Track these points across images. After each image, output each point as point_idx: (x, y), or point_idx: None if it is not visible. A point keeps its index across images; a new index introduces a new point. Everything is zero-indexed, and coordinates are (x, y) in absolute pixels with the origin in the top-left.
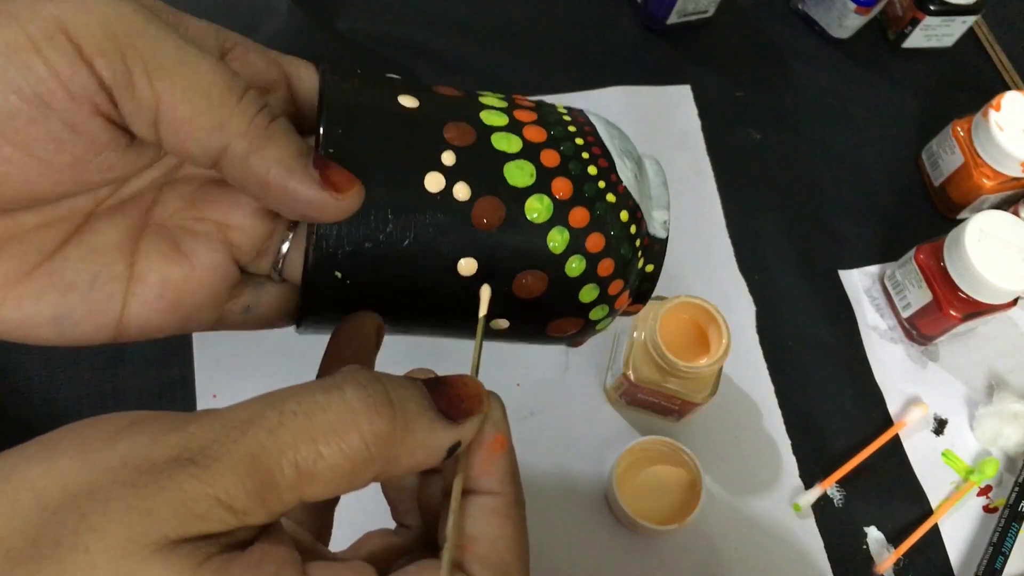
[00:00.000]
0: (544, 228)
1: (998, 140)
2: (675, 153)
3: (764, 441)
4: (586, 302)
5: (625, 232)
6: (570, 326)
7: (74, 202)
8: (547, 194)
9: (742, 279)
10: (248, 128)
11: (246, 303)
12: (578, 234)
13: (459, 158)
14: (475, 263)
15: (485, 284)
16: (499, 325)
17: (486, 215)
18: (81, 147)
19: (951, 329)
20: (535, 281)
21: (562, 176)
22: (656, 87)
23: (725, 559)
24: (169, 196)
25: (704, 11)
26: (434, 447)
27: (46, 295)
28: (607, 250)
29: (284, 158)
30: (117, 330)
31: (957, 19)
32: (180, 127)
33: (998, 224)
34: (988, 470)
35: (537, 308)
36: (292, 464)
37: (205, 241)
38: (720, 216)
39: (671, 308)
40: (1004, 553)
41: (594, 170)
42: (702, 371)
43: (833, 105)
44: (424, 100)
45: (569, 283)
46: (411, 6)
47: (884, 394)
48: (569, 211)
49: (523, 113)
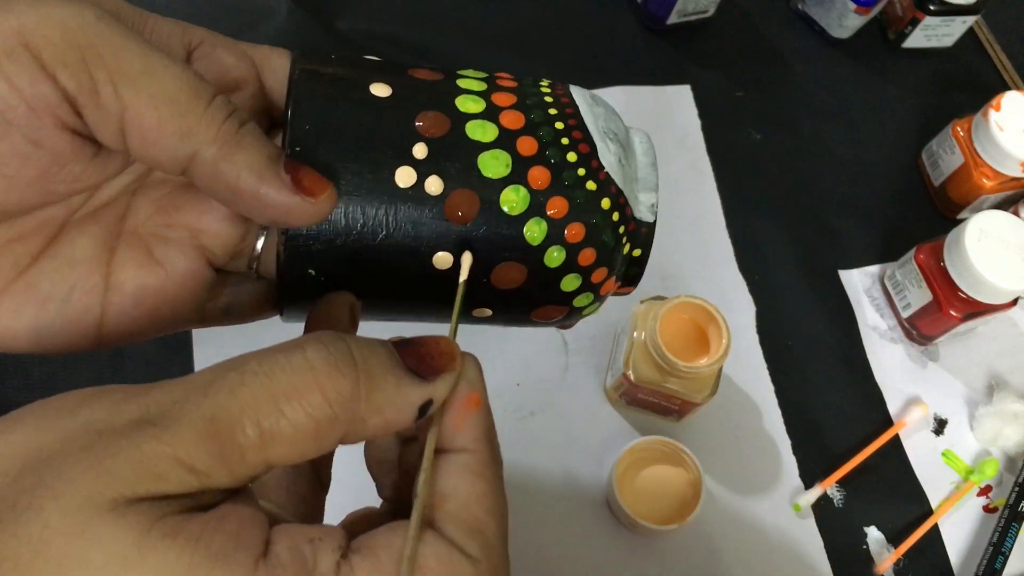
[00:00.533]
0: (521, 219)
1: (998, 140)
2: (675, 153)
3: (764, 441)
4: (569, 291)
5: (607, 220)
6: (555, 312)
7: (45, 213)
8: (523, 184)
9: (742, 279)
10: (217, 133)
11: (225, 302)
12: (557, 224)
13: (431, 150)
14: (451, 257)
15: (467, 252)
16: (482, 313)
17: (460, 208)
18: (46, 160)
19: (951, 329)
20: (514, 272)
21: (540, 165)
22: (656, 87)
23: (725, 559)
24: (141, 203)
25: (704, 11)
26: (402, 405)
27: (24, 308)
28: (588, 239)
29: (254, 163)
30: (97, 338)
31: (957, 19)
32: (147, 135)
33: (998, 224)
34: (988, 470)
35: (518, 297)
36: (254, 424)
37: (178, 247)
38: (720, 216)
39: (671, 308)
40: (1004, 553)
41: (574, 157)
42: (702, 371)
43: (833, 105)
44: (397, 87)
45: (549, 273)
46: (411, 6)
47: (884, 394)
48: (547, 201)
49: (502, 96)
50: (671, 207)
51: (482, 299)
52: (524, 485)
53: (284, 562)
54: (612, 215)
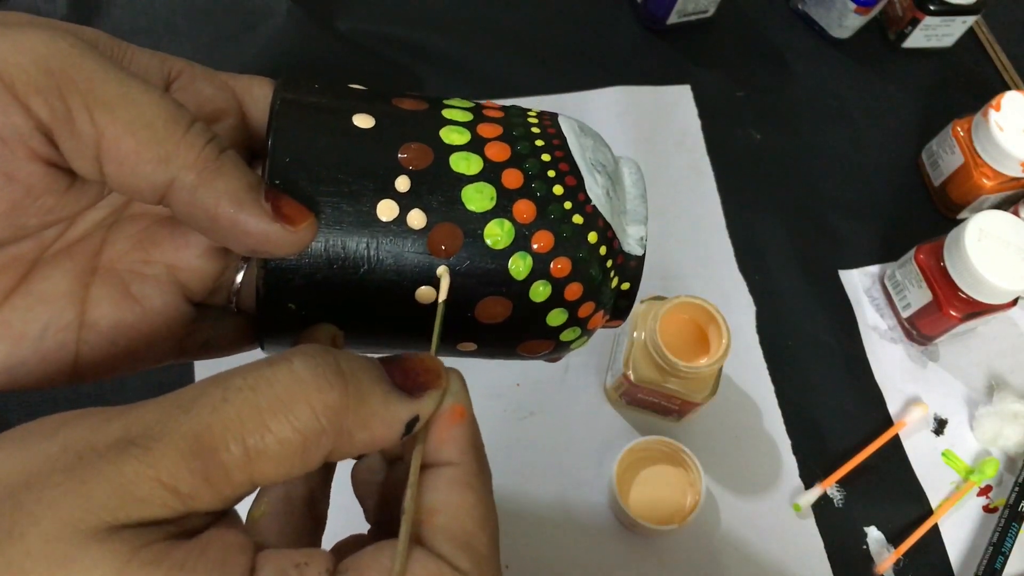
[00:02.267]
0: (505, 253)
1: (998, 140)
2: (675, 153)
3: (764, 441)
4: (555, 325)
5: (594, 254)
6: (541, 347)
7: (18, 248)
8: (508, 218)
9: (742, 279)
10: (196, 159)
11: (205, 337)
12: (542, 259)
13: (414, 183)
14: (434, 292)
15: (443, 266)
16: (467, 347)
17: (444, 242)
18: (18, 193)
19: (951, 329)
20: (499, 307)
21: (525, 198)
22: (656, 87)
23: (725, 559)
24: (117, 238)
25: (704, 11)
26: (390, 420)
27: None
28: (574, 274)
29: (234, 190)
30: (73, 374)
31: (957, 19)
32: (125, 162)
33: (998, 224)
34: (988, 470)
35: (503, 332)
36: (239, 441)
37: (155, 284)
38: (720, 216)
39: (671, 308)
40: (1004, 553)
41: (560, 190)
42: (702, 371)
43: (833, 105)
44: (381, 118)
45: (534, 308)
46: (411, 6)
47: (884, 394)
48: (532, 235)
49: (487, 127)
50: (671, 207)
51: (467, 333)
52: (524, 486)
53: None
54: (599, 249)
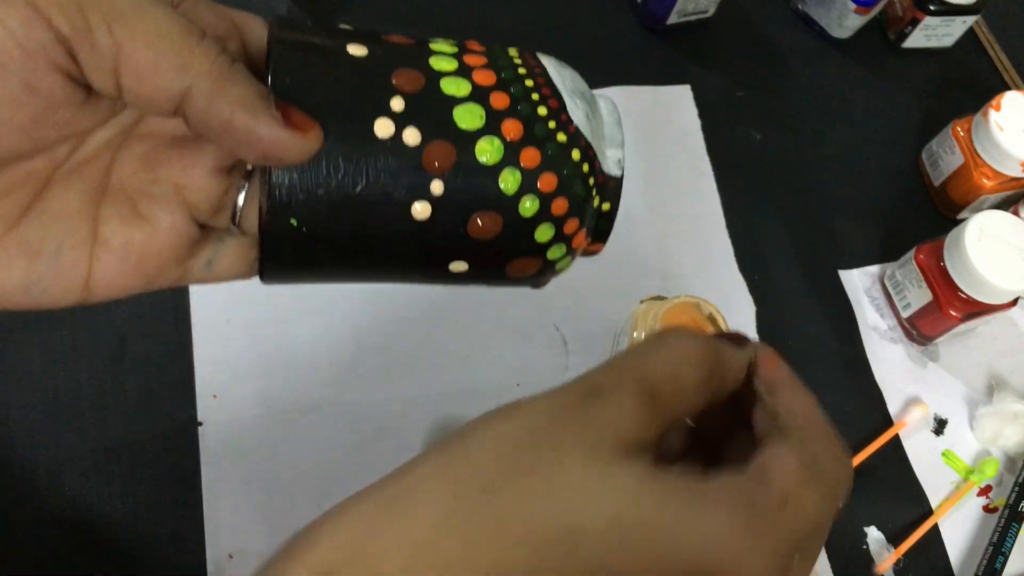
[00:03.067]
0: (496, 169)
1: (998, 140)
2: (675, 153)
3: None
4: (542, 242)
5: (578, 171)
6: (529, 266)
7: (31, 165)
8: (497, 136)
9: (742, 279)
10: (211, 68)
11: (207, 258)
12: (530, 174)
13: (408, 104)
14: (429, 206)
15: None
16: (458, 267)
17: (437, 159)
18: (39, 105)
19: (951, 329)
20: (490, 222)
21: (512, 118)
22: (656, 87)
23: None
24: (125, 158)
25: (704, 11)
26: (738, 363)
27: (14, 263)
28: (560, 189)
29: (247, 98)
30: (84, 293)
31: (957, 19)
32: (143, 72)
33: (998, 224)
34: (988, 470)
35: (494, 249)
36: (669, 380)
37: (163, 203)
38: (720, 216)
39: (671, 308)
40: (1004, 553)
41: (544, 111)
42: None
43: (833, 105)
44: (373, 48)
45: (524, 223)
46: (411, 6)
47: (884, 394)
48: (520, 152)
49: (473, 58)
50: (671, 207)
51: (459, 251)
52: None
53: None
54: (582, 167)
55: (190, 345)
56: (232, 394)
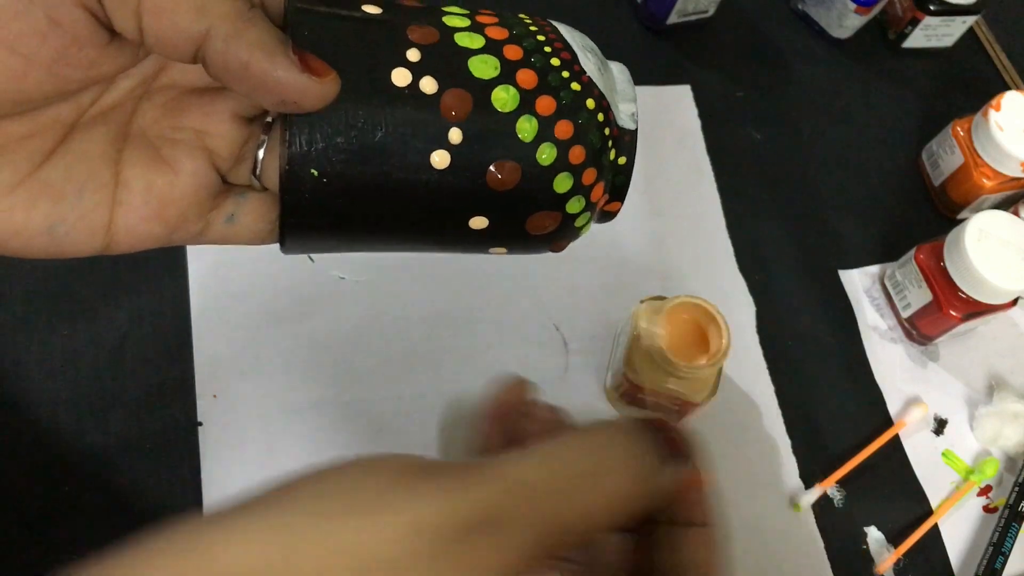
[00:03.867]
0: (512, 117)
1: (998, 140)
2: (675, 153)
3: (764, 441)
4: (561, 192)
5: (593, 119)
6: (549, 221)
7: (57, 111)
8: (512, 84)
9: (742, 279)
10: (230, 10)
11: (229, 211)
12: (546, 122)
13: (424, 54)
14: (448, 155)
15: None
16: (478, 224)
17: (454, 107)
18: (64, 40)
19: (951, 329)
20: (508, 172)
21: (526, 68)
22: (656, 87)
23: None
24: (147, 108)
25: (704, 11)
26: (670, 490)
27: (38, 204)
28: (576, 137)
29: (265, 42)
30: (107, 239)
31: (957, 19)
32: (163, 12)
33: (998, 224)
34: (988, 470)
35: (513, 201)
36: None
37: (185, 149)
38: (720, 216)
39: (671, 308)
40: (1004, 553)
41: (557, 61)
42: (702, 371)
43: (833, 105)
44: (387, 7)
45: (542, 171)
46: None
47: (884, 394)
48: (535, 99)
49: (485, 18)
50: (671, 207)
51: (478, 203)
52: None
53: None
54: (597, 115)
55: (190, 345)
56: (232, 394)
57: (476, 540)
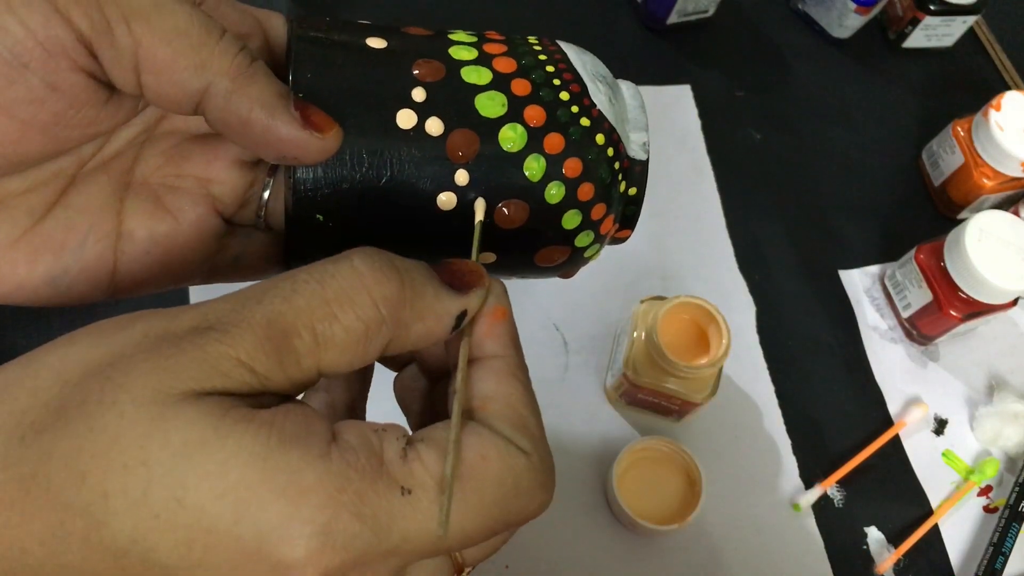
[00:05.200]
0: (520, 156)
1: (998, 140)
2: (675, 153)
3: (764, 441)
4: (570, 228)
5: (603, 155)
6: (558, 255)
7: (57, 165)
8: (520, 122)
9: (742, 279)
10: (230, 66)
11: (235, 253)
12: (554, 160)
13: (429, 93)
14: (455, 197)
15: (479, 198)
16: (487, 259)
17: (461, 148)
18: (61, 104)
19: (951, 329)
20: (516, 211)
21: (534, 104)
22: (656, 87)
23: (725, 559)
24: (148, 155)
25: (704, 11)
26: (441, 313)
27: (40, 257)
28: (585, 174)
29: (266, 97)
30: (110, 287)
31: (957, 19)
32: (162, 70)
33: (998, 224)
34: (988, 470)
35: (522, 238)
36: (308, 328)
37: (188, 196)
38: (720, 216)
39: (671, 308)
40: (1004, 553)
41: (566, 95)
42: (702, 371)
43: (833, 105)
44: (392, 40)
45: (550, 210)
46: (410, 6)
47: (884, 394)
48: (543, 137)
49: (493, 46)
50: (671, 207)
51: (487, 243)
52: None
53: (354, 446)
54: (607, 151)
55: None
56: None
57: (202, 336)
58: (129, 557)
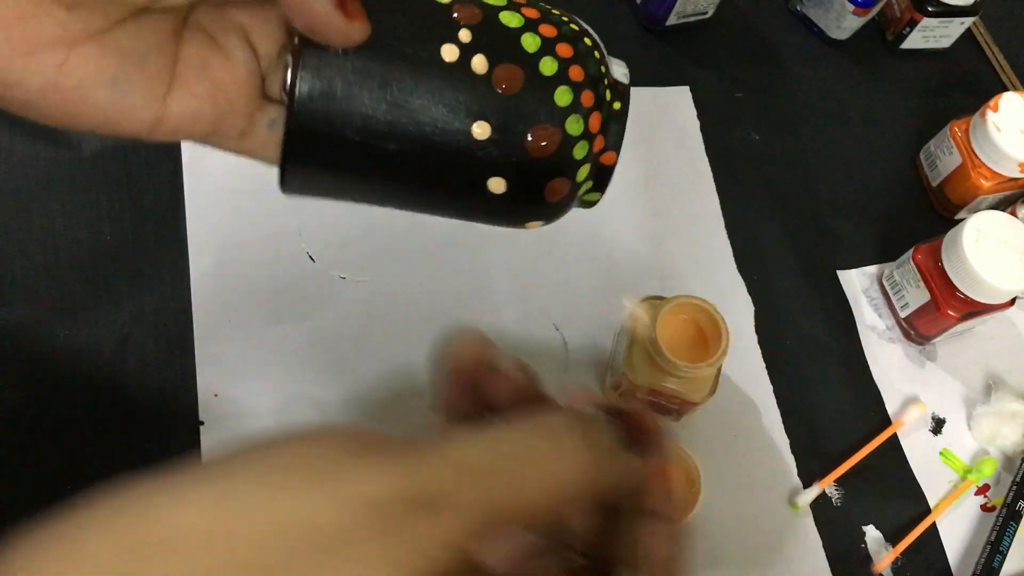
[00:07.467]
0: (553, 84)
1: (996, 141)
2: (674, 154)
3: (762, 440)
4: (578, 159)
5: (603, 80)
6: (561, 186)
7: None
8: (553, 56)
9: (741, 279)
10: None
11: (272, 117)
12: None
13: (474, 36)
14: (488, 127)
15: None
16: (497, 187)
17: (505, 81)
18: None
19: (949, 329)
20: (549, 136)
21: (562, 41)
22: (655, 88)
23: (723, 558)
24: (200, 8)
25: (703, 12)
26: (630, 481)
27: (106, 57)
28: (596, 104)
29: None
30: (160, 110)
31: (955, 20)
32: None
33: (996, 224)
34: (986, 469)
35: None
36: (513, 507)
37: (236, 39)
38: (719, 216)
39: (670, 308)
40: (1002, 552)
41: (576, 27)
42: (701, 371)
43: (831, 106)
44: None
45: (569, 140)
46: None
47: (882, 394)
48: (569, 68)
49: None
50: (670, 207)
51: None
52: None
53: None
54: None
55: (192, 344)
56: (233, 394)
57: (418, 517)
58: None
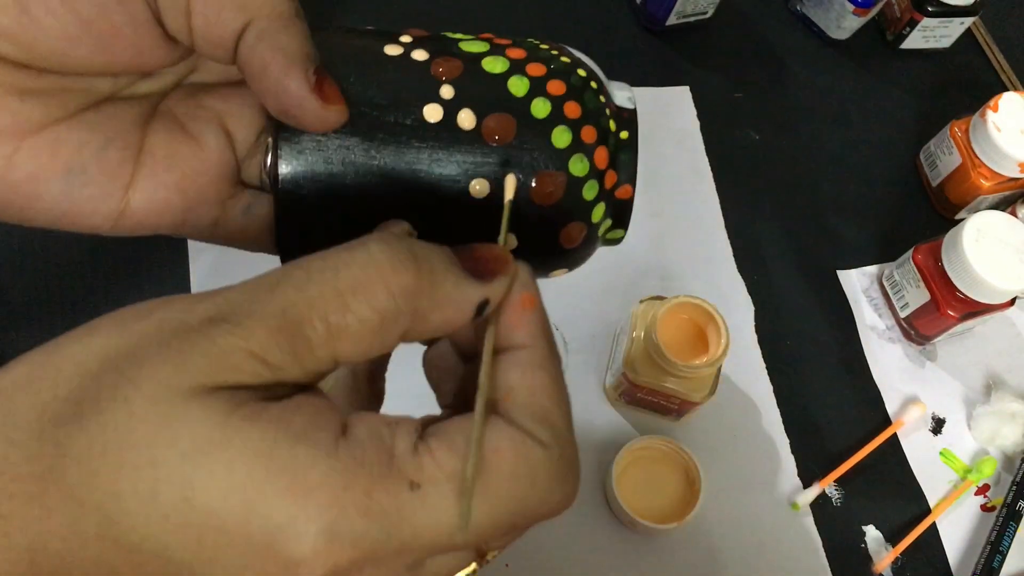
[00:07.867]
0: (548, 126)
1: (996, 141)
2: (674, 154)
3: (763, 440)
4: (589, 199)
5: (604, 112)
6: (577, 231)
7: (93, 83)
8: (544, 96)
9: (741, 279)
10: (271, 10)
11: (246, 203)
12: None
13: (457, 90)
14: (487, 183)
15: (510, 175)
16: (508, 242)
17: (496, 132)
18: (122, 19)
19: (949, 329)
20: (553, 182)
21: (553, 79)
22: (655, 88)
23: (724, 558)
24: (173, 94)
25: (703, 12)
26: (462, 301)
27: (61, 149)
28: (600, 139)
29: (291, 49)
30: (123, 203)
31: (955, 20)
32: (209, 10)
33: (996, 224)
34: (986, 469)
35: (551, 214)
36: (322, 318)
37: (208, 126)
38: (719, 217)
39: (670, 308)
40: (1001, 552)
41: (567, 59)
42: (701, 371)
43: (831, 106)
44: (405, 47)
45: (575, 182)
46: (410, 6)
47: (882, 394)
48: (564, 105)
49: (498, 40)
50: (670, 207)
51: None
52: None
53: (363, 441)
54: (607, 109)
55: None
56: None
57: (217, 328)
58: (143, 554)
